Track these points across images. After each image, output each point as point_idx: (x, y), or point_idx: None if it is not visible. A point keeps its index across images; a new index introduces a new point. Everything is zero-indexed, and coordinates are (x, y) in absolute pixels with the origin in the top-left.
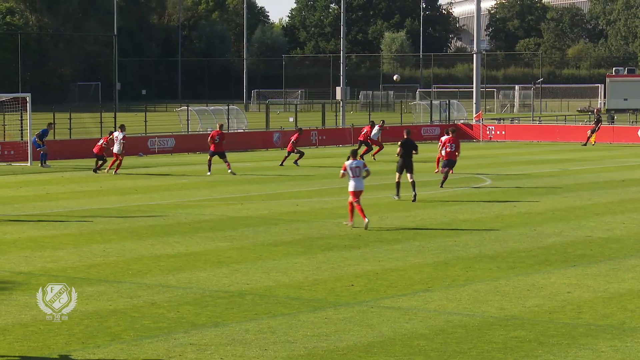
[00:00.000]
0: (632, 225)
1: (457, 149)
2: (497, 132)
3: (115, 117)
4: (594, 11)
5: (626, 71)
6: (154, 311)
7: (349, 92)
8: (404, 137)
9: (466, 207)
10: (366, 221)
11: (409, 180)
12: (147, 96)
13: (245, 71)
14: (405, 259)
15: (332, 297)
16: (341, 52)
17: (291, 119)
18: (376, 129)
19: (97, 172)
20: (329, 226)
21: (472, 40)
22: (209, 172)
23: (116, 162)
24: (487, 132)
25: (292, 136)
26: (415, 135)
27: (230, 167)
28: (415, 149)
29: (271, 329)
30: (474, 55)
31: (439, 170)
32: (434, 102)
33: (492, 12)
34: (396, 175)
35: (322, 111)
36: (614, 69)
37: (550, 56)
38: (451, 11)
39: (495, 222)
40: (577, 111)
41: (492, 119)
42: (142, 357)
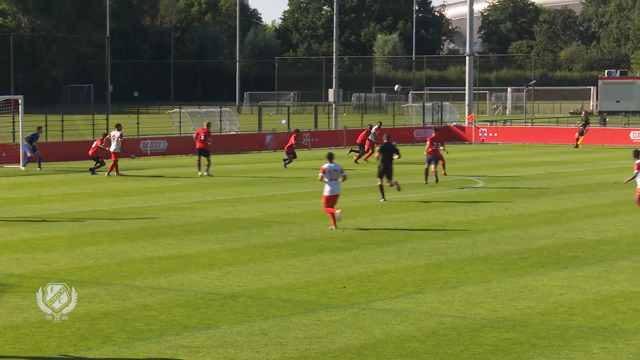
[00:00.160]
0: (624, 227)
1: (442, 145)
2: (490, 134)
3: (107, 119)
4: (587, 13)
5: (618, 73)
6: (146, 313)
7: (342, 94)
8: (384, 142)
9: (458, 209)
10: (338, 212)
11: (388, 184)
12: (140, 98)
13: (237, 73)
14: (397, 261)
15: (324, 299)
16: (334, 54)
17: (284, 121)
18: (373, 130)
19: (94, 173)
20: (321, 228)
21: (465, 42)
22: (199, 172)
23: (115, 163)
24: (480, 134)
25: (290, 138)
26: (407, 137)
27: (209, 168)
28: (396, 152)
29: (263, 331)
30: (467, 57)
31: (427, 182)
32: (426, 104)
33: (484, 14)
34: (377, 180)
35: (314, 113)
36: (606, 71)
37: (542, 58)
38: (444, 13)
39: (487, 224)
40: (570, 113)
41: (484, 121)
42: None
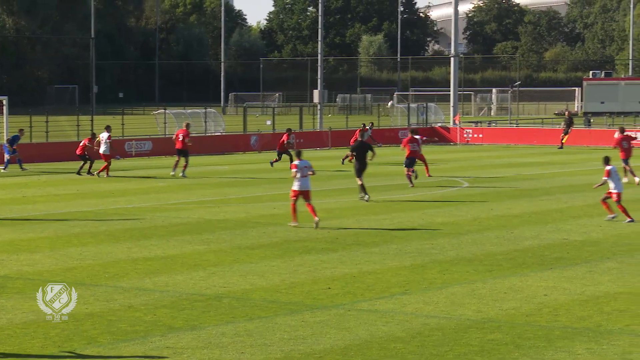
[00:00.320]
0: (608, 228)
1: (418, 147)
2: (475, 135)
3: (92, 120)
4: (571, 15)
5: (603, 74)
6: (131, 314)
7: (327, 95)
8: (358, 140)
9: (443, 210)
10: (316, 219)
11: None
12: (125, 99)
13: (222, 74)
14: (382, 262)
15: (309, 300)
16: (319, 55)
17: (269, 122)
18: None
19: (80, 174)
20: (306, 229)
21: (450, 43)
22: (173, 172)
23: (106, 164)
24: (465, 135)
25: (282, 138)
26: (392, 138)
27: (185, 169)
28: (370, 150)
29: (248, 332)
30: (452, 58)
31: (413, 184)
32: (411, 105)
33: (469, 15)
34: (357, 180)
35: (299, 114)
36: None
37: (527, 59)
38: (429, 14)
39: (472, 225)
40: (554, 114)
41: (469, 122)
42: None
